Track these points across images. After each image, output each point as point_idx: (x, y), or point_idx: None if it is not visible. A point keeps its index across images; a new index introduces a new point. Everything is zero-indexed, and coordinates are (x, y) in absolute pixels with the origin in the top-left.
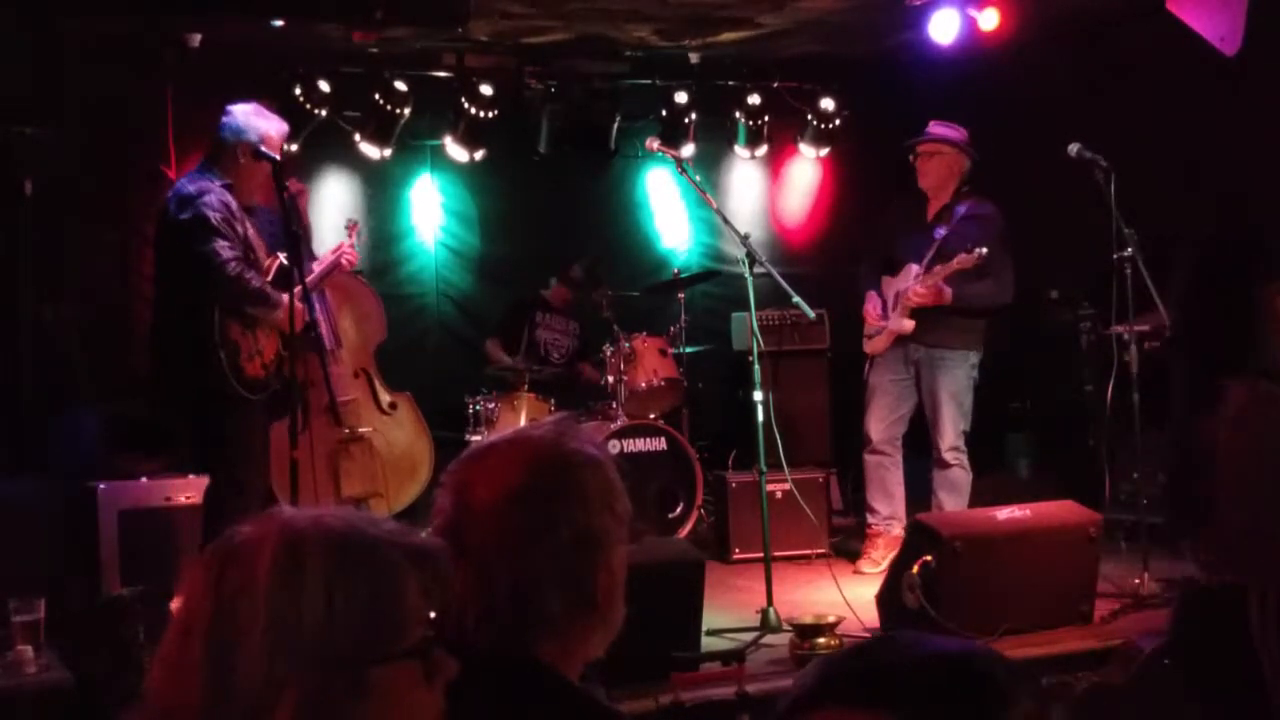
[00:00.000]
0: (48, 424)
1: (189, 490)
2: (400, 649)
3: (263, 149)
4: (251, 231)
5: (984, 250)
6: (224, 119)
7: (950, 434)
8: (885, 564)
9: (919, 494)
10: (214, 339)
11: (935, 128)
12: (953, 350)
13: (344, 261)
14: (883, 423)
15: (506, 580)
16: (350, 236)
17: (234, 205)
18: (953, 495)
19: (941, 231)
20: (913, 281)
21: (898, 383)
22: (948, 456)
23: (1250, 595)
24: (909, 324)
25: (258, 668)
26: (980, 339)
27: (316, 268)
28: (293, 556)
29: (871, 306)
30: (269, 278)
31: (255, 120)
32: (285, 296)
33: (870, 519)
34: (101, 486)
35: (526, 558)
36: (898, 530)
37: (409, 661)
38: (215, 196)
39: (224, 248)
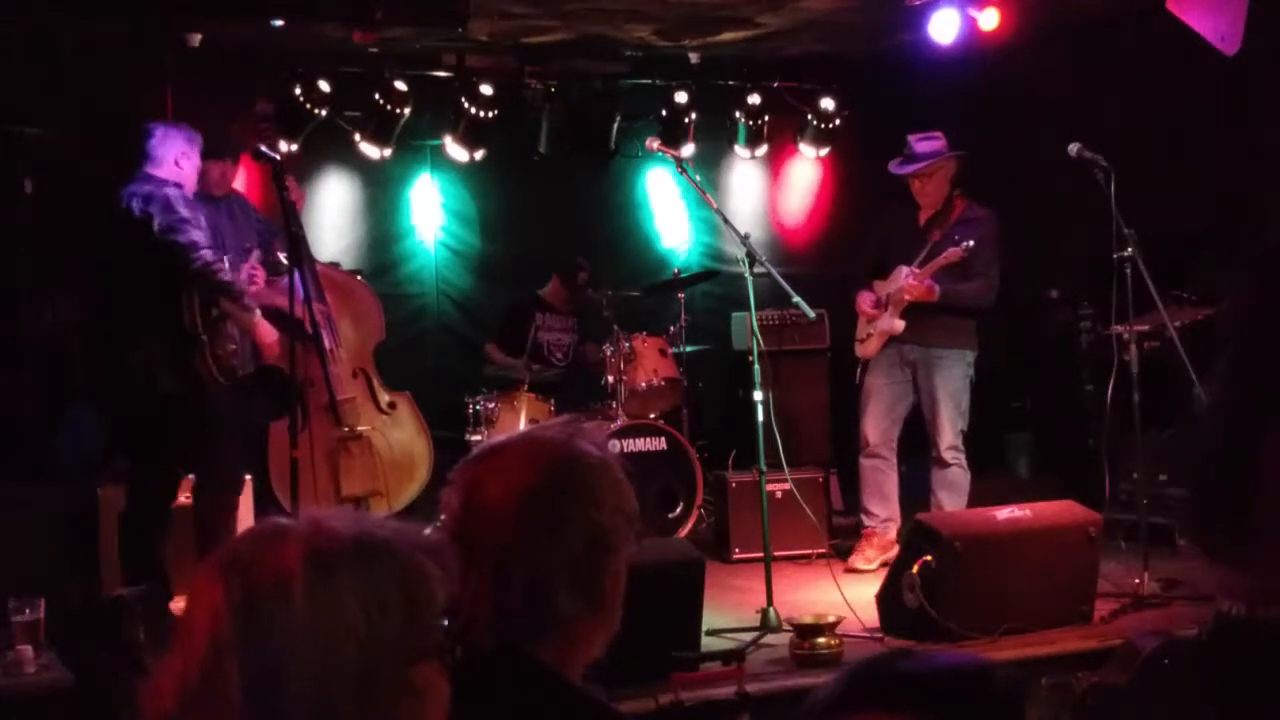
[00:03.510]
0: (48, 424)
1: (188, 491)
2: (434, 644)
3: (264, 150)
4: (206, 227)
5: (970, 243)
6: (151, 131)
7: (949, 434)
8: (877, 564)
9: (917, 494)
10: (196, 329)
11: (920, 145)
12: (949, 349)
13: (255, 276)
14: (879, 425)
15: (522, 580)
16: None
17: (190, 201)
18: (952, 495)
19: (936, 235)
20: (902, 280)
21: (893, 385)
22: (946, 456)
23: None
24: (899, 324)
25: (308, 689)
26: (975, 338)
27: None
28: (323, 571)
29: (867, 297)
30: None
31: (176, 133)
32: (258, 310)
33: (866, 521)
34: (102, 488)
35: (542, 557)
36: (892, 533)
37: (438, 655)
38: (174, 190)
39: (200, 236)
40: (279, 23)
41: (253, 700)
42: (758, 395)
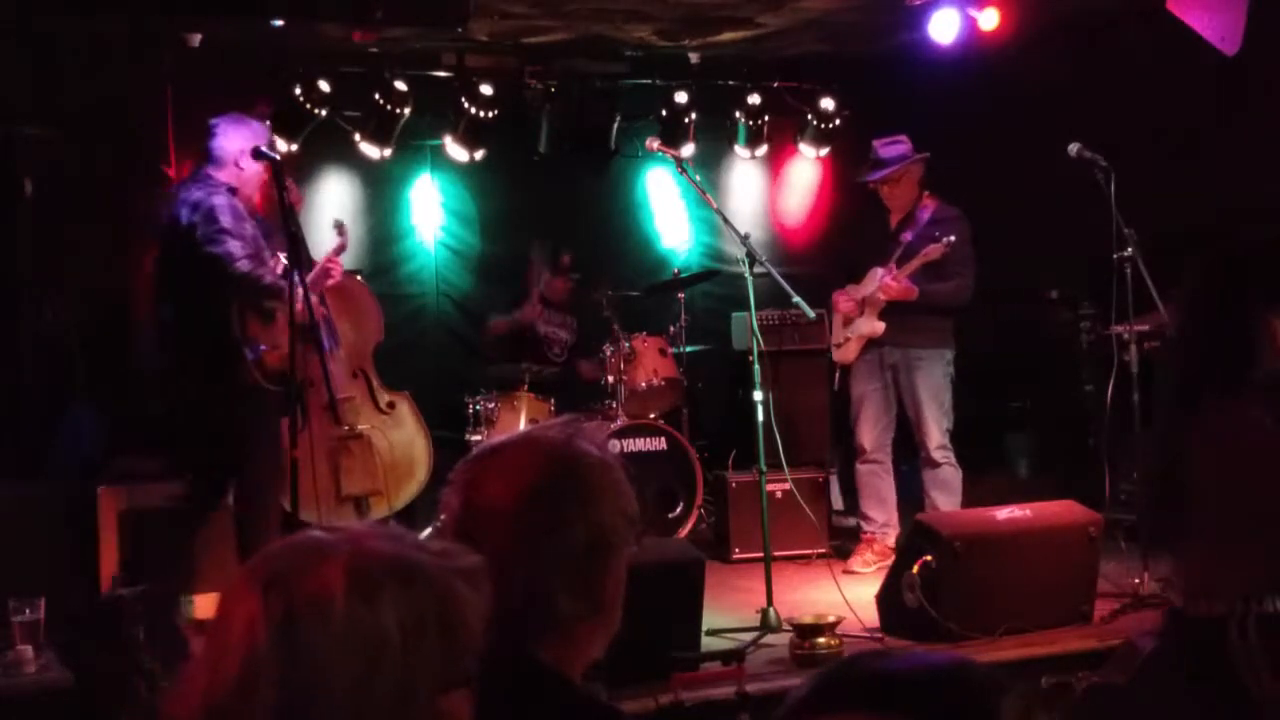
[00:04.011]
0: (48, 424)
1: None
2: (466, 671)
3: (263, 149)
4: (257, 231)
5: (952, 238)
6: (214, 129)
7: (936, 434)
8: (874, 568)
9: (909, 497)
10: (236, 336)
11: (885, 150)
12: (928, 350)
13: (332, 270)
14: (873, 431)
15: (522, 581)
16: (340, 236)
17: (240, 207)
18: (945, 494)
19: (908, 236)
20: (877, 282)
21: (880, 389)
22: (936, 456)
23: (1228, 622)
24: (880, 325)
25: (342, 710)
26: (952, 337)
27: (311, 276)
28: (364, 591)
29: (844, 297)
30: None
31: (241, 127)
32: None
33: (865, 526)
34: (101, 487)
35: (542, 558)
36: (891, 539)
37: (469, 682)
38: (222, 199)
39: (236, 247)
40: (279, 23)
41: (285, 718)
42: (758, 395)
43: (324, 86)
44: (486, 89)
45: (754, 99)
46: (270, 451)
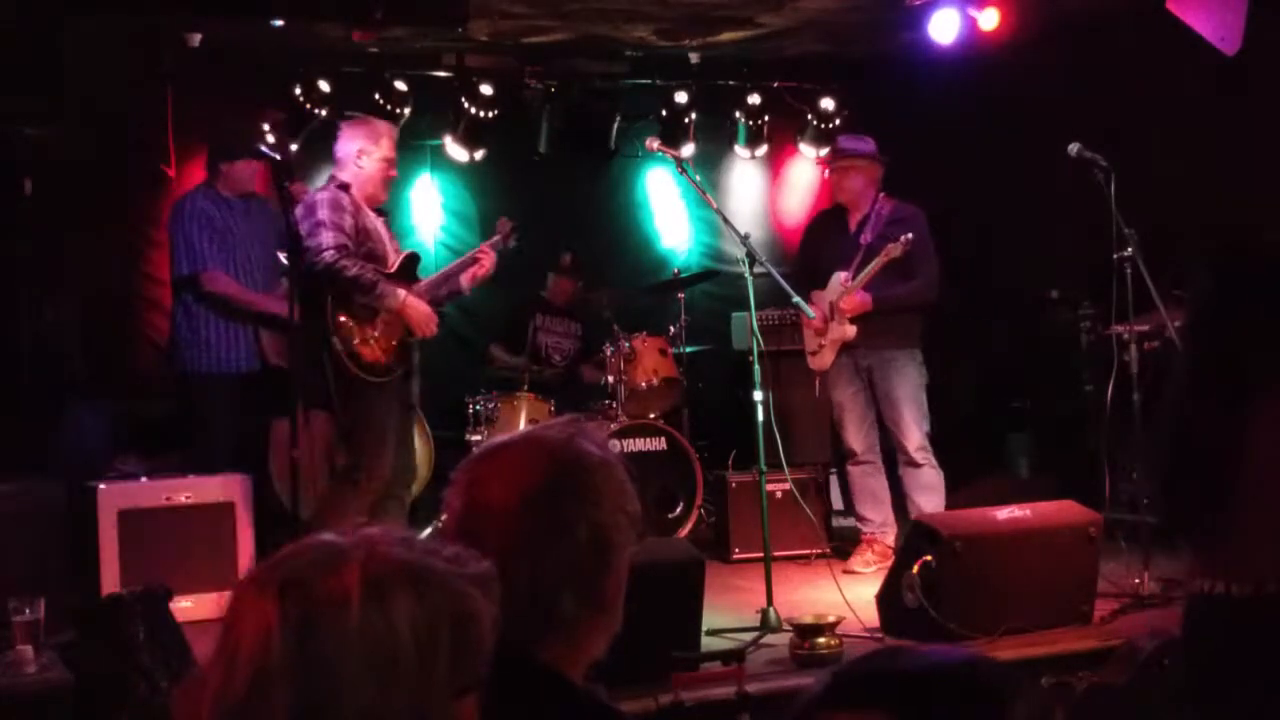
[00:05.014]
0: (48, 424)
1: (189, 490)
2: (478, 679)
3: (262, 149)
4: (376, 225)
5: (910, 236)
6: (337, 133)
7: (916, 434)
8: (875, 567)
9: (894, 498)
10: (328, 327)
11: (845, 143)
12: (900, 350)
13: (483, 261)
14: (859, 433)
15: (526, 581)
16: (501, 236)
17: (346, 201)
18: (928, 496)
19: (867, 238)
20: (840, 287)
21: (858, 393)
22: (917, 456)
23: None
24: (851, 330)
25: (356, 716)
26: (919, 337)
27: (449, 266)
28: (379, 596)
29: (816, 317)
30: (392, 270)
31: (360, 127)
32: (401, 291)
33: (864, 527)
34: (101, 486)
35: (545, 558)
36: (891, 538)
37: (480, 688)
38: (326, 193)
39: (328, 237)
40: (279, 22)
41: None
42: (758, 395)
43: (324, 86)
44: (486, 89)
45: (754, 99)
46: (366, 449)
